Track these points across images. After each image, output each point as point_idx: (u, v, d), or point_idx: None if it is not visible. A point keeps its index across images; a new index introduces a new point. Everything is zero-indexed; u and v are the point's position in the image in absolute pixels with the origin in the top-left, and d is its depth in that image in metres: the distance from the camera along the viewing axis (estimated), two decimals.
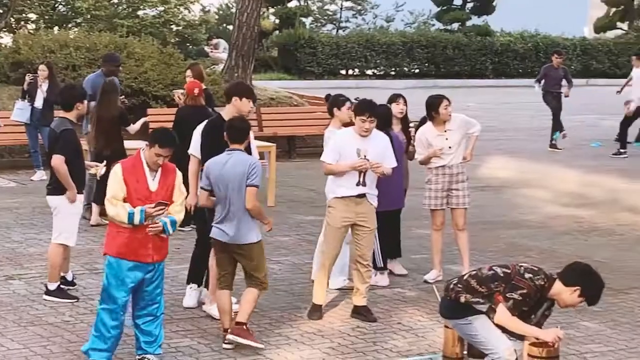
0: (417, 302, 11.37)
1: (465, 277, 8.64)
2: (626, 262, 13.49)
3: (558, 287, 8.35)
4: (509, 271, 8.37)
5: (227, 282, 9.72)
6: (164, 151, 8.83)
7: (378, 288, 11.70)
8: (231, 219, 9.52)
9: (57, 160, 10.74)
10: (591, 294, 8.39)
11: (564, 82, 23.87)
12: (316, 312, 10.69)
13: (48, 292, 11.01)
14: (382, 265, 11.97)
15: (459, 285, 8.52)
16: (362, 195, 10.54)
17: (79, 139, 11.35)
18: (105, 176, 9.76)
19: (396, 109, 12.48)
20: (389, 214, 11.75)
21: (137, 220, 8.66)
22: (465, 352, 9.54)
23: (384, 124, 11.42)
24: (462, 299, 8.40)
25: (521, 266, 8.50)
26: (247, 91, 10.84)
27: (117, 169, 8.85)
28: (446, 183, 12.14)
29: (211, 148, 10.16)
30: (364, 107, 10.59)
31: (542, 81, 23.81)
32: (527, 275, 8.36)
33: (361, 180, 10.52)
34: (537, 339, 8.43)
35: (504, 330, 8.45)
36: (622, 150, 22.93)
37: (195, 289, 10.86)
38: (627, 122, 23.61)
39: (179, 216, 9.04)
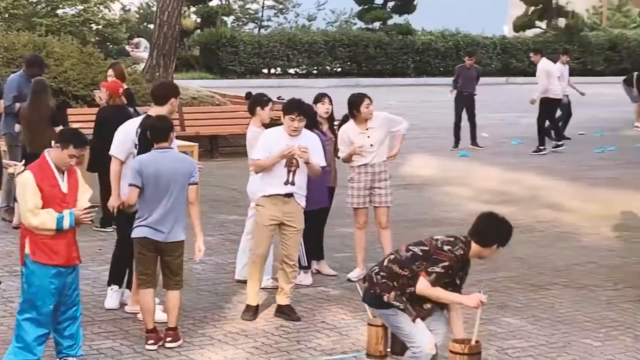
0: (340, 300, 11.39)
1: (385, 264, 8.59)
2: (546, 259, 13.64)
3: (476, 249, 8.52)
4: (427, 248, 8.41)
5: (152, 281, 9.69)
6: (78, 151, 8.77)
7: (302, 287, 11.71)
8: (168, 217, 9.51)
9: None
10: (506, 242, 8.77)
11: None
12: (249, 312, 10.67)
13: None
14: (307, 265, 11.99)
15: (381, 274, 8.48)
16: (290, 195, 10.56)
17: None
18: None
19: (322, 108, 12.49)
20: (314, 213, 11.78)
21: (67, 224, 8.55)
22: (388, 350, 9.61)
23: (310, 124, 11.45)
24: (385, 299, 8.42)
25: (437, 239, 8.53)
26: (177, 91, 10.87)
27: (28, 177, 8.65)
28: (368, 181, 12.17)
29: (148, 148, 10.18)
30: (293, 107, 10.59)
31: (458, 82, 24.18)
32: (445, 248, 8.41)
33: (290, 179, 10.52)
34: (461, 304, 8.59)
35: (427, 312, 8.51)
36: (558, 143, 23.29)
37: (117, 290, 10.78)
38: (548, 119, 24.00)
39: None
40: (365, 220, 12.37)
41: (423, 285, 8.23)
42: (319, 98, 12.67)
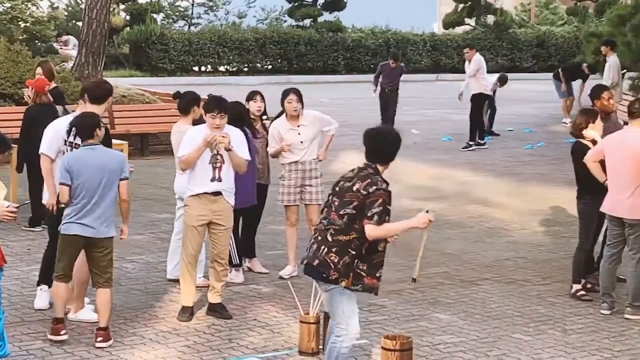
0: (272, 298, 11.39)
1: (330, 240, 8.39)
2: (476, 254, 13.74)
3: (383, 170, 8.62)
4: (356, 202, 8.35)
5: (69, 276, 9.67)
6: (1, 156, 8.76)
7: (233, 285, 11.70)
8: (97, 212, 9.50)
9: None
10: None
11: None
12: (186, 314, 10.62)
13: None
14: (237, 262, 11.97)
15: (333, 251, 8.34)
16: (218, 193, 10.53)
17: None
18: None
19: (254, 106, 12.47)
20: (244, 211, 11.77)
21: None
22: (320, 347, 9.62)
23: (238, 121, 11.42)
24: (343, 284, 8.39)
25: (357, 189, 8.41)
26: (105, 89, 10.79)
27: None
28: (299, 179, 12.19)
29: None
30: (213, 104, 10.61)
31: (380, 78, 24.37)
32: (372, 189, 8.37)
33: (216, 175, 10.50)
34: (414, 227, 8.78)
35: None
36: (480, 142, 23.43)
37: (46, 290, 10.67)
38: (479, 115, 24.21)
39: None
40: (296, 218, 12.39)
41: (371, 229, 8.23)
42: (251, 96, 12.64)
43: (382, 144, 8.67)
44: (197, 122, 11.31)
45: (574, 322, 10.89)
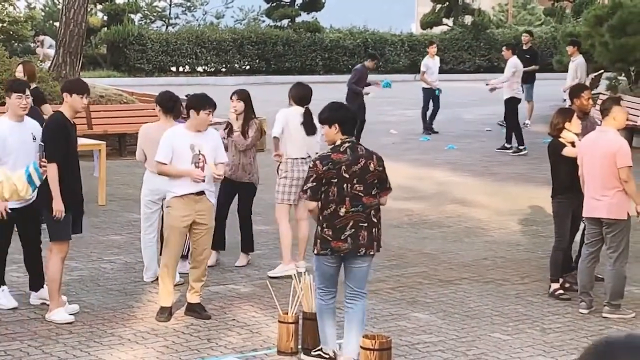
0: (251, 298, 11.37)
1: (374, 220, 9.18)
2: (455, 254, 13.77)
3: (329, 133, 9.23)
4: (376, 180, 9.25)
5: None
6: None
7: (212, 285, 11.70)
8: None
9: None
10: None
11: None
12: (164, 314, 10.58)
13: None
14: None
15: (379, 230, 9.24)
16: (202, 193, 10.54)
17: None
18: None
19: (230, 106, 12.55)
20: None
21: None
22: (299, 347, 9.64)
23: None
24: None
25: (374, 168, 9.21)
26: (81, 87, 10.75)
27: None
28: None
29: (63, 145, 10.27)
30: (206, 101, 10.66)
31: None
32: (383, 164, 9.33)
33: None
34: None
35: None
36: (519, 147, 23.56)
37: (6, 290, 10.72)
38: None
39: None
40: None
41: (387, 198, 9.53)
42: (230, 96, 12.73)
43: (352, 112, 9.64)
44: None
45: (553, 321, 10.93)
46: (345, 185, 8.97)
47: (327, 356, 9.08)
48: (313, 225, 9.89)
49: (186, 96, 11.44)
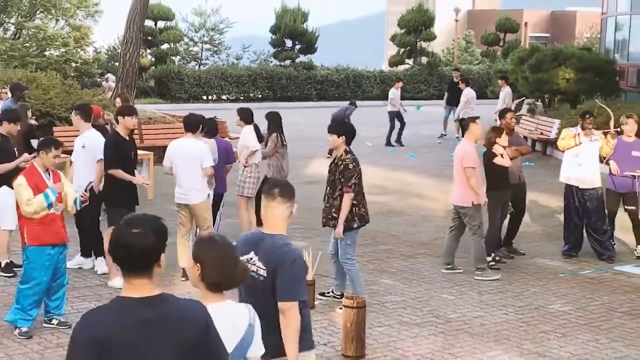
0: None
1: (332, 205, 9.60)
2: (414, 235, 13.79)
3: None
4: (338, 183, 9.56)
5: None
6: (59, 151, 8.86)
7: None
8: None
9: (3, 168, 10.43)
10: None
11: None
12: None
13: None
14: None
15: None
16: None
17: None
18: None
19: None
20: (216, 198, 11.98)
21: (52, 196, 8.58)
22: None
23: (212, 132, 11.98)
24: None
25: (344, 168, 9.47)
26: (130, 111, 10.74)
27: (20, 181, 8.67)
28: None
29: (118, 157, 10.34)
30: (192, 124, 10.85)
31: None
32: (350, 165, 9.45)
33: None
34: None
35: None
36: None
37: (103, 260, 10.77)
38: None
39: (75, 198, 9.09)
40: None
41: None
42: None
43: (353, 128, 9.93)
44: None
45: (487, 286, 10.95)
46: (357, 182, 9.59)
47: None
48: None
49: (214, 117, 11.46)
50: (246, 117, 12.65)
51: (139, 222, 3.95)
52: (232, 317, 4.34)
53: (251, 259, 5.36)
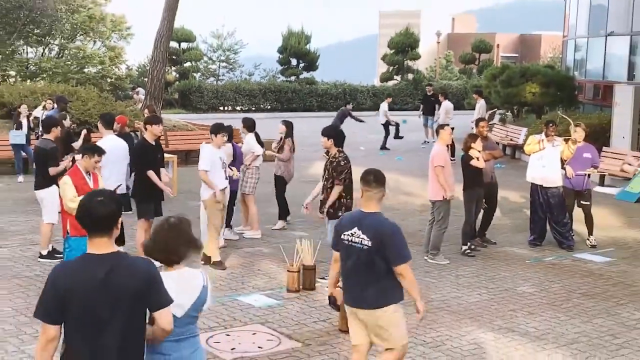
0: (270, 256, 11.37)
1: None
2: (404, 226, 13.65)
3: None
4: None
5: None
6: (100, 158, 8.87)
7: (246, 246, 11.67)
8: None
9: (53, 170, 10.44)
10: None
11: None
12: (220, 265, 10.56)
13: (42, 256, 10.72)
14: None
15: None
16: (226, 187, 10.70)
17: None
18: None
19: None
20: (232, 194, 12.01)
21: None
22: (301, 286, 9.66)
23: (230, 138, 11.91)
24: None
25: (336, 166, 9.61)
26: (157, 120, 10.76)
27: (66, 180, 8.70)
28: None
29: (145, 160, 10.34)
30: (219, 128, 10.82)
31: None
32: (342, 162, 9.56)
33: (226, 176, 10.68)
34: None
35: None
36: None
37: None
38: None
39: None
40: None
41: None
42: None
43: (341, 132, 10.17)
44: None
45: (463, 270, 10.94)
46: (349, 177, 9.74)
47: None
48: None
49: (228, 126, 11.46)
50: (249, 125, 12.73)
51: (100, 194, 4.36)
52: (189, 280, 4.68)
53: (354, 232, 5.95)
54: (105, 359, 4.14)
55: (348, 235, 6.00)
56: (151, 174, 10.20)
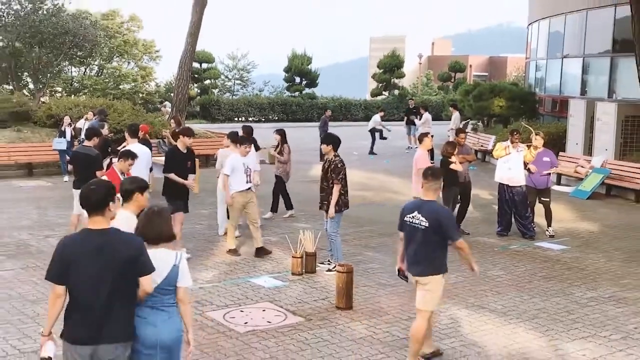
0: (277, 243, 11.32)
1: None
2: (388, 219, 13.63)
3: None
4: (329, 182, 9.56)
5: None
6: (133, 161, 8.89)
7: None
8: None
9: (100, 173, 10.42)
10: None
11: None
12: (235, 252, 10.52)
13: None
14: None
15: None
16: (249, 189, 10.51)
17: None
18: None
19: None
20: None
21: None
22: (303, 270, 9.63)
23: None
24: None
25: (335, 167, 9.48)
26: (190, 133, 10.66)
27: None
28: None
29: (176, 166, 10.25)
30: (244, 140, 10.70)
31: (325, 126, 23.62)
32: (339, 165, 9.47)
33: (248, 179, 10.52)
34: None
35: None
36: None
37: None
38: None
39: None
40: None
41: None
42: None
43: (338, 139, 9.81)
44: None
45: None
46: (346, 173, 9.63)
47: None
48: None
49: (252, 137, 11.34)
50: (249, 132, 12.63)
51: (94, 184, 4.73)
52: (161, 259, 4.81)
53: (415, 215, 6.52)
54: (99, 310, 4.49)
55: (410, 217, 6.54)
56: (172, 175, 10.15)
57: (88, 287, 4.48)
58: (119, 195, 8.59)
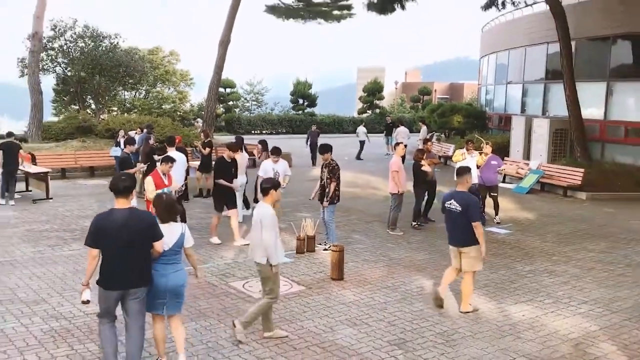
0: (284, 230, 11.08)
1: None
2: (374, 210, 13.67)
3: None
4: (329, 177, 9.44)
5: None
6: (172, 165, 8.87)
7: None
8: None
9: (131, 171, 10.38)
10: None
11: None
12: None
13: None
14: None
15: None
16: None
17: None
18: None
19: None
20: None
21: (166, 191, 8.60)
22: (305, 250, 9.58)
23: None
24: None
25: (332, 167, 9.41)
26: (235, 147, 10.39)
27: (149, 179, 8.72)
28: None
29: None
30: (274, 151, 10.42)
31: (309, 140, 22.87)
32: (335, 166, 9.37)
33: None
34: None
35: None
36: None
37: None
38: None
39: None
40: None
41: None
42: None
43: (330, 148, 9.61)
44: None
45: (413, 239, 10.85)
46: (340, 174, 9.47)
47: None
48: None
49: (278, 148, 10.93)
50: (239, 142, 12.07)
51: (123, 175, 5.18)
52: (172, 230, 5.34)
53: (451, 202, 6.90)
54: (125, 269, 4.99)
55: (448, 203, 6.94)
56: (221, 180, 9.98)
57: (116, 249, 4.95)
58: (151, 188, 8.52)
